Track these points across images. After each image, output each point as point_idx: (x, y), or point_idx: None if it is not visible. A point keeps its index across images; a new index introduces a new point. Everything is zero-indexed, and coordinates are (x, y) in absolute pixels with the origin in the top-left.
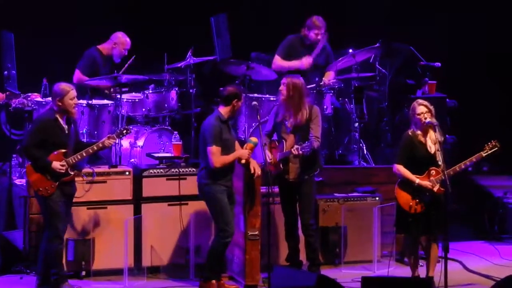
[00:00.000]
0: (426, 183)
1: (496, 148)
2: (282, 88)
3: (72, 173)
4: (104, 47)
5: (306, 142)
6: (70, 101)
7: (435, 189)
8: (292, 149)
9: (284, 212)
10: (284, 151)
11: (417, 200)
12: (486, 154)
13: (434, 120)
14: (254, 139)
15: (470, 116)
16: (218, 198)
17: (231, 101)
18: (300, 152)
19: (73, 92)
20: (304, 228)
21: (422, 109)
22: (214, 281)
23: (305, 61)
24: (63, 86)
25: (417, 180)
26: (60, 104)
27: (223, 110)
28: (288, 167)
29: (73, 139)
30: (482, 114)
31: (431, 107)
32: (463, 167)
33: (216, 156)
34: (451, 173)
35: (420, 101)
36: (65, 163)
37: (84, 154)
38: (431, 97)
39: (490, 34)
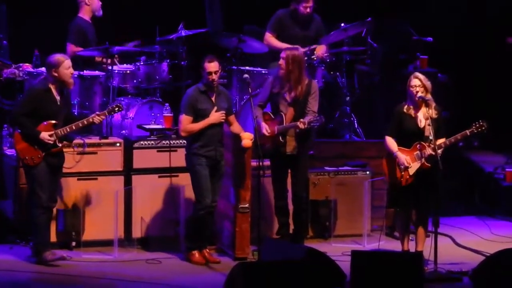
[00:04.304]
0: (401, 158)
1: (483, 128)
2: (282, 62)
3: (60, 144)
4: (83, 13)
5: (316, 116)
6: (66, 71)
7: (413, 167)
8: (298, 123)
9: (275, 186)
10: (285, 124)
11: (403, 173)
12: (470, 132)
13: (428, 96)
14: (247, 141)
15: (463, 91)
16: (195, 169)
17: (199, 71)
18: (307, 126)
19: (68, 62)
20: (296, 200)
21: (415, 81)
22: (195, 252)
23: None
24: (58, 56)
25: (397, 152)
26: (56, 75)
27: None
28: (286, 140)
29: (65, 111)
30: (474, 89)
31: (427, 82)
32: (447, 143)
33: (183, 125)
34: (437, 150)
35: (417, 73)
36: (53, 134)
37: (74, 127)
38: (423, 72)
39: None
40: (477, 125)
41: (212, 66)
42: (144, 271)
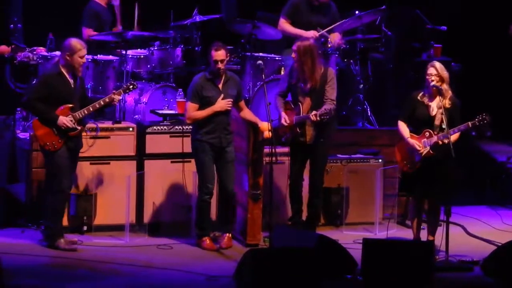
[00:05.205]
0: (414, 141)
1: (485, 122)
2: (294, 54)
3: (79, 128)
4: None
5: (325, 108)
6: (79, 59)
7: (424, 151)
8: (310, 115)
9: (292, 174)
10: (302, 114)
11: (409, 160)
12: (472, 124)
13: (443, 86)
14: (268, 132)
15: (477, 80)
16: (199, 156)
17: (208, 59)
18: (318, 119)
19: (84, 51)
20: (313, 189)
21: (431, 70)
22: (206, 238)
23: (312, 35)
24: (76, 42)
25: (408, 138)
26: (68, 59)
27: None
28: (305, 130)
29: (80, 94)
30: (489, 78)
31: (443, 72)
32: (451, 133)
33: (188, 113)
34: (442, 139)
35: (434, 62)
36: (72, 118)
37: (91, 109)
38: (437, 61)
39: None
40: (480, 118)
41: (219, 55)
42: (155, 257)
